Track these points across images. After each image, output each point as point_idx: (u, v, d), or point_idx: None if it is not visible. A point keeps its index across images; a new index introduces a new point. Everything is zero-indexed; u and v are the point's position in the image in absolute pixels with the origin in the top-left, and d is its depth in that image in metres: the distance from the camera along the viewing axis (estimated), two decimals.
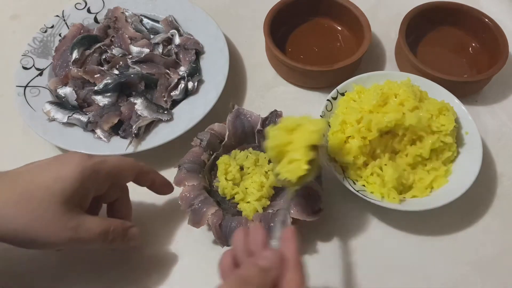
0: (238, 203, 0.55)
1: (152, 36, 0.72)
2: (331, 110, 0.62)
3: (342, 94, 0.63)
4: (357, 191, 0.55)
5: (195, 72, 0.67)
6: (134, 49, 0.69)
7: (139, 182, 0.53)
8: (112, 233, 0.48)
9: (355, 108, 0.59)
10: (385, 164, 0.57)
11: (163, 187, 0.55)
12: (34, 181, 0.45)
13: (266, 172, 0.56)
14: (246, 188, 0.55)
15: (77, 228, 0.45)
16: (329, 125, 0.61)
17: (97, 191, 0.49)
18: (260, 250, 0.40)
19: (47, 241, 0.44)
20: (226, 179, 0.56)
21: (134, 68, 0.66)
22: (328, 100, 0.62)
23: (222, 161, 0.57)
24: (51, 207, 0.44)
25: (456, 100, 0.62)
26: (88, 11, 0.74)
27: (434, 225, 0.59)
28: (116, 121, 0.62)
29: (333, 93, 0.62)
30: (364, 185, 0.57)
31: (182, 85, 0.65)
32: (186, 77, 0.66)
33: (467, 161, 0.58)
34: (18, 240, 0.44)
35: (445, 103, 0.60)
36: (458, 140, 0.60)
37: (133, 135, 0.60)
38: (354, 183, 0.57)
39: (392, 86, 0.60)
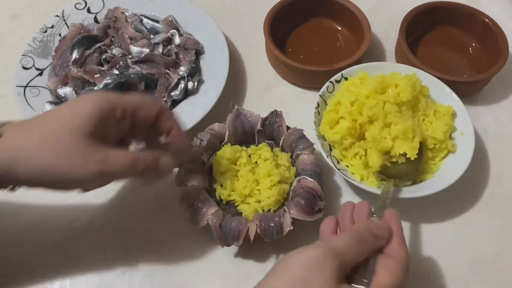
0: (238, 204, 0.55)
1: (152, 36, 0.72)
2: (332, 91, 0.62)
3: (346, 79, 0.63)
4: (339, 169, 0.56)
5: (195, 72, 0.67)
6: (134, 49, 0.69)
7: (158, 123, 0.49)
8: (143, 161, 0.46)
9: (352, 91, 0.60)
10: (369, 148, 0.57)
11: (179, 142, 0.50)
12: (53, 120, 0.44)
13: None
14: (245, 195, 0.55)
15: (105, 160, 0.43)
16: (326, 104, 0.61)
17: (119, 129, 0.47)
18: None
19: (75, 176, 0.43)
20: (221, 185, 0.56)
21: (134, 68, 0.66)
22: (330, 81, 0.62)
23: (215, 160, 0.57)
24: (73, 143, 0.43)
25: (454, 95, 0.62)
26: (88, 11, 0.74)
27: (434, 225, 0.59)
28: None
29: (337, 76, 0.63)
30: (347, 166, 0.58)
31: (182, 85, 0.65)
32: (186, 77, 0.66)
33: (456, 160, 0.58)
34: (47, 180, 0.43)
35: (451, 110, 0.60)
36: (453, 139, 0.60)
37: None
38: (338, 163, 0.58)
39: (395, 76, 0.61)
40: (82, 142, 0.43)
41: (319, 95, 0.61)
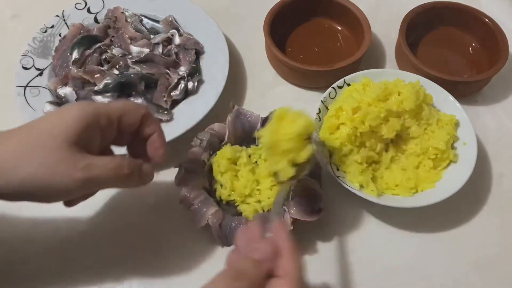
0: (238, 204, 0.55)
1: (152, 36, 0.72)
2: (334, 97, 0.62)
3: (349, 85, 0.63)
4: (338, 177, 0.56)
5: (195, 72, 0.67)
6: (134, 49, 0.69)
7: (142, 129, 0.49)
8: (127, 166, 0.45)
9: (354, 98, 0.59)
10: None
11: (157, 147, 0.50)
12: (37, 129, 0.44)
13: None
14: (245, 195, 0.55)
15: (89, 167, 0.43)
16: (327, 109, 0.61)
17: (104, 137, 0.47)
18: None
19: (59, 185, 0.42)
20: (221, 185, 0.56)
21: (134, 68, 0.66)
22: (333, 87, 0.62)
23: (215, 160, 0.57)
24: (56, 151, 0.42)
25: (458, 104, 0.62)
26: (88, 11, 0.74)
27: (434, 225, 0.59)
28: None
29: (340, 82, 0.63)
30: (344, 172, 0.58)
31: (182, 85, 0.65)
32: (186, 77, 0.66)
33: (458, 170, 0.58)
34: (29, 191, 0.42)
35: (454, 120, 0.60)
36: (455, 148, 0.60)
37: None
38: (338, 169, 0.58)
39: (398, 83, 0.61)
40: (65, 150, 0.42)
41: (321, 101, 0.61)
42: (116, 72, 0.67)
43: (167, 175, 0.60)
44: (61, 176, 0.42)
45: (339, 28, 0.75)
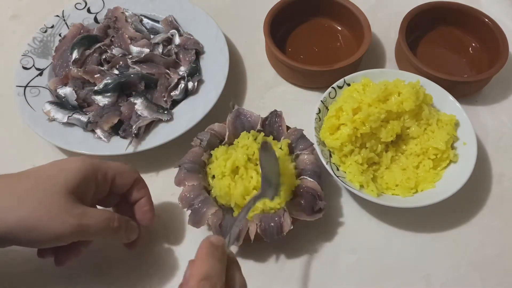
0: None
1: (152, 36, 0.72)
2: (334, 97, 0.62)
3: (349, 85, 0.63)
4: (338, 176, 0.56)
5: (195, 72, 0.67)
6: (134, 49, 0.69)
7: (131, 192, 0.53)
8: (117, 220, 0.48)
9: (355, 98, 0.59)
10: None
11: (146, 211, 0.53)
12: (38, 174, 0.46)
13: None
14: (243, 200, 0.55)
15: (82, 215, 0.45)
16: (327, 109, 0.61)
17: (97, 193, 0.50)
18: None
19: (53, 229, 0.44)
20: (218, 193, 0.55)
21: (134, 68, 0.66)
22: (332, 87, 0.62)
23: (210, 161, 0.57)
24: (54, 196, 0.44)
25: (458, 104, 0.62)
26: (88, 11, 0.74)
27: (434, 225, 0.59)
28: (116, 121, 0.62)
29: (340, 82, 0.63)
30: (345, 172, 0.58)
31: (182, 85, 0.65)
32: (186, 77, 0.66)
33: (458, 170, 0.58)
34: (24, 233, 0.43)
35: (454, 120, 0.60)
36: (455, 148, 0.60)
37: (133, 135, 0.60)
38: (338, 169, 0.58)
39: (398, 84, 0.61)
40: (63, 197, 0.45)
41: (321, 101, 0.61)
42: (116, 72, 0.67)
43: (167, 175, 0.60)
44: (56, 219, 0.44)
45: (339, 28, 0.75)
